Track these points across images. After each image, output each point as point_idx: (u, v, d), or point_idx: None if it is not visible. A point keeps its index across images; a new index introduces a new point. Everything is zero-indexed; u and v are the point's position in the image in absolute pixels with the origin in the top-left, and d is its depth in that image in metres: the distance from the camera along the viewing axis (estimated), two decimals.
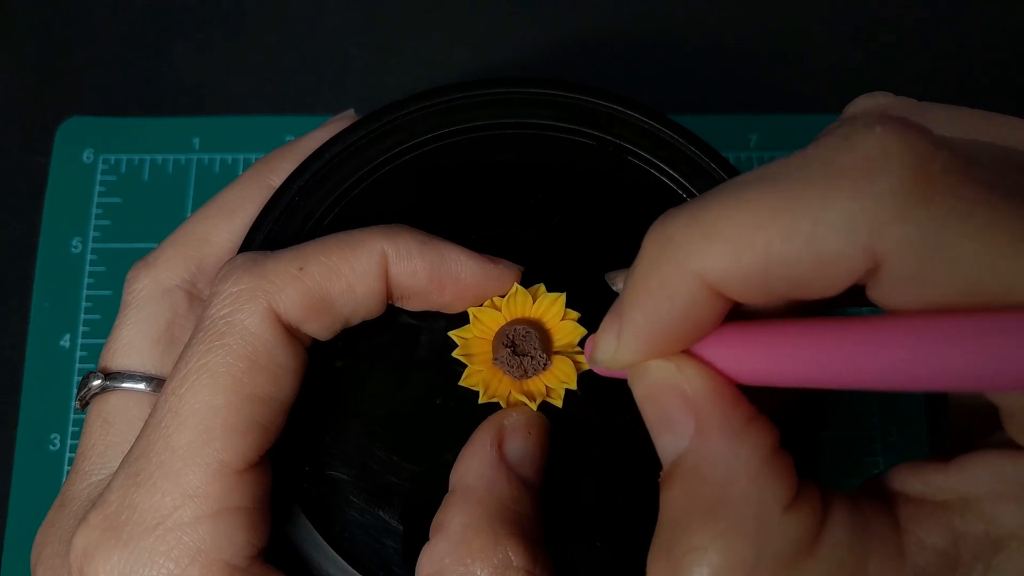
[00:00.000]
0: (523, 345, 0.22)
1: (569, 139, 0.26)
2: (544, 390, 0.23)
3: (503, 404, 0.23)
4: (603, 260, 0.24)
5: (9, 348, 0.37)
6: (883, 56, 0.42)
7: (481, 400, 0.22)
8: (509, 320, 0.23)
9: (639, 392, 0.18)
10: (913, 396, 0.36)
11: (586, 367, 0.23)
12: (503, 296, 0.23)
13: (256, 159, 0.30)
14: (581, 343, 0.23)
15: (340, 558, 0.22)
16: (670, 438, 0.17)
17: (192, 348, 0.21)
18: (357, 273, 0.22)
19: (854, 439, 0.35)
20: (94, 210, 0.38)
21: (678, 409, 0.17)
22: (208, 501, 0.20)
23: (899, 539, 0.16)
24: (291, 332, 0.22)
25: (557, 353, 0.23)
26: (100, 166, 0.39)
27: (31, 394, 0.36)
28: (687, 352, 0.17)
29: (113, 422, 0.25)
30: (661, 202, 0.25)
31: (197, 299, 0.26)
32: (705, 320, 0.17)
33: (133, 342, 0.25)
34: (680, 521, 0.17)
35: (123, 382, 0.25)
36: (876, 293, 0.16)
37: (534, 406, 0.22)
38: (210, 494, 0.20)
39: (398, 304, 0.23)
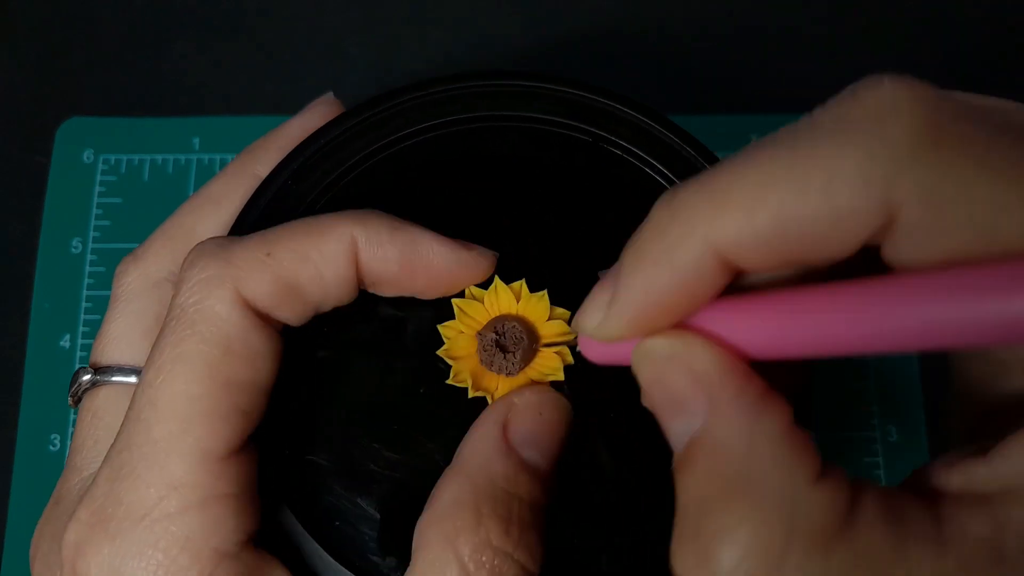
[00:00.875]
0: (508, 342, 0.22)
1: (563, 134, 0.26)
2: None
3: (489, 400, 0.23)
4: (592, 256, 0.24)
5: (9, 348, 0.37)
6: (883, 57, 0.42)
7: (471, 395, 0.22)
8: (495, 316, 0.23)
9: (646, 375, 0.17)
10: (913, 396, 0.36)
11: (571, 360, 0.23)
12: (483, 287, 0.23)
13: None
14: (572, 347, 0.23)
15: (315, 543, 0.22)
16: (682, 420, 0.17)
17: (165, 338, 0.21)
18: (326, 259, 0.21)
19: (854, 439, 0.35)
20: (94, 210, 0.38)
21: (689, 388, 0.17)
22: (193, 490, 0.20)
23: (939, 528, 0.16)
24: (262, 317, 0.21)
25: (548, 345, 0.23)
26: (100, 166, 0.39)
27: (31, 394, 0.36)
28: (689, 327, 0.17)
29: (103, 416, 0.25)
30: (652, 198, 0.25)
31: None
32: (703, 293, 0.16)
33: (123, 336, 0.25)
34: (703, 504, 0.16)
35: (113, 376, 0.25)
36: (891, 250, 0.15)
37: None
38: (194, 483, 0.20)
39: (371, 290, 0.23)
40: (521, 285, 0.23)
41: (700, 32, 0.42)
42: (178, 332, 0.20)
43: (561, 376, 0.23)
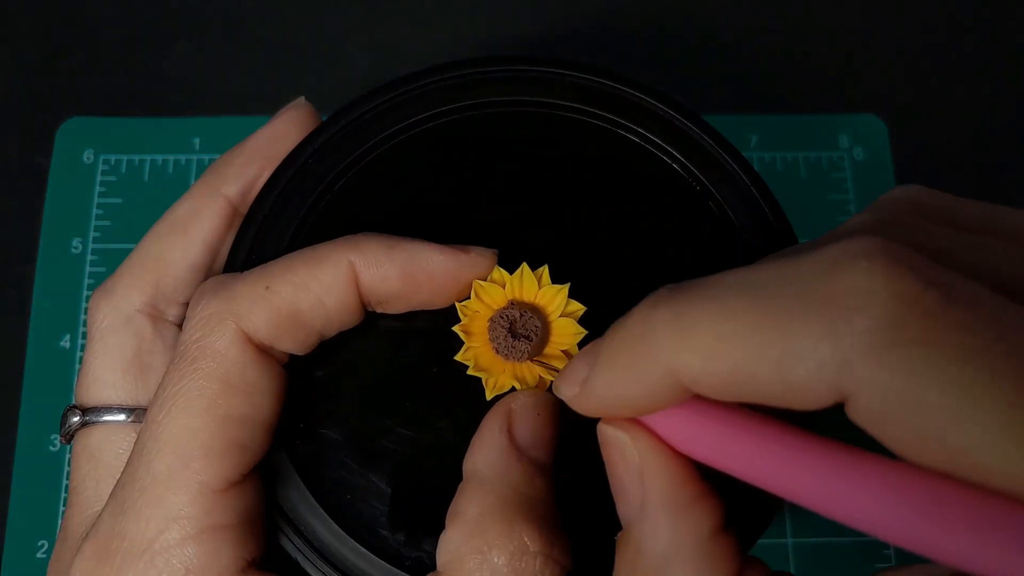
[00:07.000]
0: (521, 329, 0.23)
1: (579, 120, 0.26)
2: (536, 377, 0.23)
3: (484, 381, 0.23)
4: (609, 247, 0.24)
5: (9, 348, 0.37)
6: (882, 57, 0.42)
7: (470, 372, 0.23)
8: (511, 300, 0.23)
9: (603, 452, 0.19)
10: None
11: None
12: (509, 271, 0.23)
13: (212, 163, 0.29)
14: (581, 343, 0.23)
15: (326, 514, 0.22)
16: (623, 504, 0.18)
17: (169, 376, 0.21)
18: (325, 287, 0.22)
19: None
20: (94, 210, 0.38)
21: (631, 480, 0.18)
22: (192, 522, 0.20)
23: None
24: (264, 351, 0.22)
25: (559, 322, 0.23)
26: (100, 166, 0.39)
27: (31, 394, 0.36)
28: (644, 424, 0.18)
29: (100, 456, 0.25)
30: (671, 189, 0.26)
31: (161, 320, 0.26)
32: (665, 403, 0.17)
33: (103, 375, 0.25)
34: None
35: (102, 416, 0.25)
36: (850, 415, 0.15)
37: (520, 386, 0.23)
38: (192, 515, 0.20)
39: (379, 310, 0.23)
40: (543, 271, 0.23)
41: (701, 33, 0.42)
42: (180, 368, 0.21)
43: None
